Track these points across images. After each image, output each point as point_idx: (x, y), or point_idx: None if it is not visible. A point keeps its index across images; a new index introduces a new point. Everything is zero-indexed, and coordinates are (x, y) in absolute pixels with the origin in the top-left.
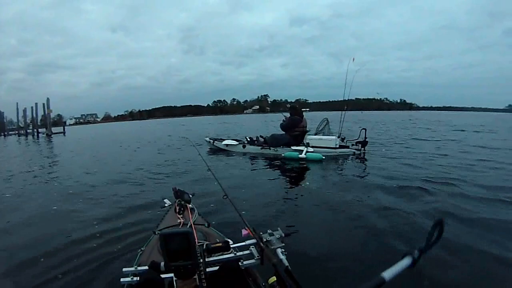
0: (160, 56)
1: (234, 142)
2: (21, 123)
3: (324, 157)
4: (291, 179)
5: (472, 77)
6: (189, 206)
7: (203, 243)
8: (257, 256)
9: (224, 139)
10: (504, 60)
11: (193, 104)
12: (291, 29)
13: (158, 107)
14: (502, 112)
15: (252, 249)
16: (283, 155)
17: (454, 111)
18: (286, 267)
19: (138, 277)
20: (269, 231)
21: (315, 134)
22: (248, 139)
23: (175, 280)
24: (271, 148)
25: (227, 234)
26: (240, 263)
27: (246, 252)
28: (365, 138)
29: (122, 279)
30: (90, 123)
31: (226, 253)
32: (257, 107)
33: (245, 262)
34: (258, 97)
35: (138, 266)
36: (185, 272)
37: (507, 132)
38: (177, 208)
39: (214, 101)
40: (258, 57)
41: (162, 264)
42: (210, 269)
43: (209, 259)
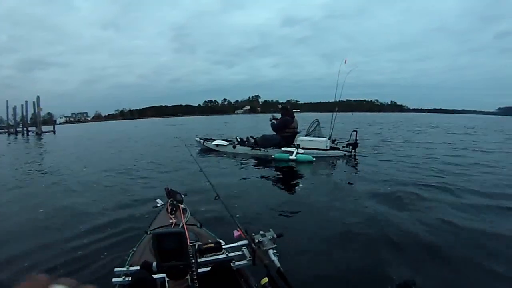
0: (151, 54)
1: (224, 143)
2: (11, 121)
3: (314, 159)
4: (282, 180)
5: (463, 80)
6: (181, 206)
7: (195, 244)
8: (249, 257)
9: (214, 139)
10: (495, 63)
11: (183, 104)
12: (283, 29)
13: (149, 106)
14: (492, 115)
15: (244, 250)
16: (273, 156)
17: (444, 113)
18: (278, 268)
19: (130, 277)
20: (261, 232)
21: (306, 135)
22: (239, 140)
23: (167, 281)
24: (261, 149)
25: (219, 234)
26: (232, 263)
27: (238, 253)
28: (356, 140)
29: (114, 279)
30: (81, 122)
31: (218, 254)
32: (248, 107)
33: (237, 263)
34: (249, 97)
35: (130, 266)
36: (177, 273)
37: (498, 135)
38: (169, 208)
39: (205, 101)
40: (249, 57)
41: (154, 264)
42: (202, 269)
43: (201, 259)
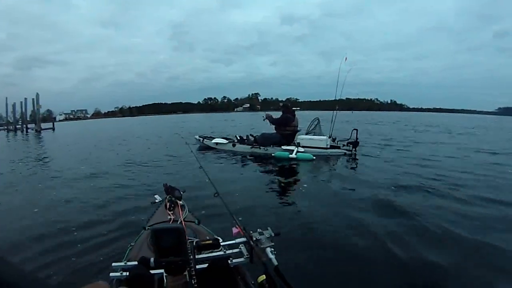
0: (150, 52)
1: (224, 141)
2: (10, 119)
3: (314, 157)
4: (281, 179)
5: (461, 78)
6: (179, 202)
7: (193, 240)
8: (247, 255)
9: (213, 137)
10: (494, 62)
11: (182, 101)
12: (281, 27)
13: (148, 103)
14: (493, 115)
15: (241, 247)
16: (273, 154)
17: (444, 112)
18: (275, 266)
19: (128, 272)
20: (259, 230)
21: (306, 134)
22: (238, 138)
23: (165, 276)
24: (261, 147)
25: (217, 231)
26: (229, 261)
27: (236, 250)
28: (357, 138)
29: (111, 273)
30: (81, 119)
31: (215, 251)
32: (248, 105)
33: (234, 260)
34: (249, 95)
35: (127, 261)
36: (175, 269)
37: (499, 136)
38: (168, 204)
39: (205, 99)
40: (247, 55)
41: (152, 259)
42: (199, 266)
43: (199, 256)
